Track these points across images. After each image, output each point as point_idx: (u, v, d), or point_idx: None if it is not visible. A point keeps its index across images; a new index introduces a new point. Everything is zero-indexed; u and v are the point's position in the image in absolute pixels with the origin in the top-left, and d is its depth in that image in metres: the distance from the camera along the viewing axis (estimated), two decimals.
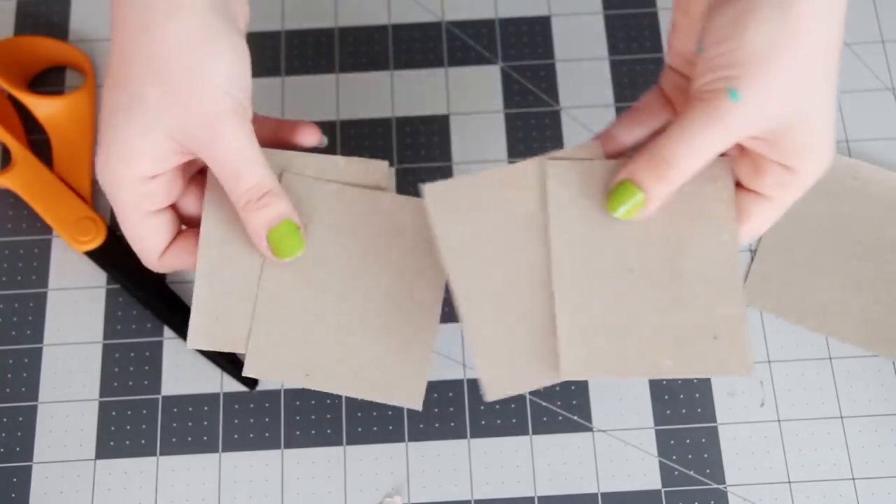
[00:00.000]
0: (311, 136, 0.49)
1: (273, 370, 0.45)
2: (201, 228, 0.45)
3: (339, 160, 0.47)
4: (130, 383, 0.56)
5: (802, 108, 0.40)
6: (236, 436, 0.55)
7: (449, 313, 0.54)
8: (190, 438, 0.54)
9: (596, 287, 0.47)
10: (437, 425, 0.55)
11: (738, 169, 0.44)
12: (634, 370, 0.46)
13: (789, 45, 0.40)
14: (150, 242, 0.45)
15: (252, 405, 0.55)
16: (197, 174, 0.47)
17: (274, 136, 0.49)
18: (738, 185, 0.44)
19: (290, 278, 0.45)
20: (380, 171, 0.47)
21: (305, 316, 0.45)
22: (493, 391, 0.43)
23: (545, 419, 0.55)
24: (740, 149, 0.43)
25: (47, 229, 0.59)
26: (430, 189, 0.43)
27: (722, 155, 0.44)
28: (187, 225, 0.47)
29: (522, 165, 0.45)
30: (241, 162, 0.42)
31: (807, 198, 0.46)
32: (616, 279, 0.47)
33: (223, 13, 0.42)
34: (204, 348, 0.44)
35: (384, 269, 0.46)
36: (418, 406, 0.44)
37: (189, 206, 0.46)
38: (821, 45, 0.40)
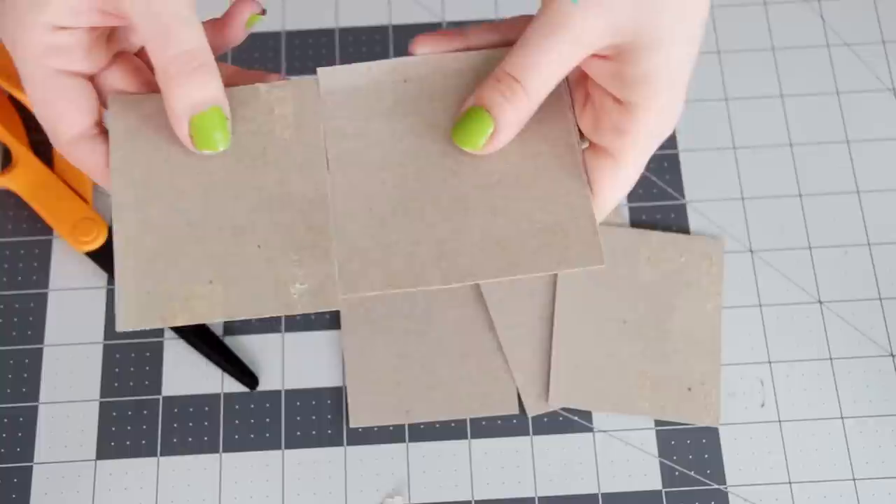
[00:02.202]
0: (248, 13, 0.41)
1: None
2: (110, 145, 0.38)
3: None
4: (131, 383, 0.56)
5: (656, 26, 0.35)
6: (236, 436, 0.55)
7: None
8: (190, 438, 0.54)
9: (590, 331, 0.54)
10: (437, 426, 0.55)
11: (582, 119, 0.39)
12: (614, 408, 0.54)
13: None
14: (61, 111, 0.37)
15: (252, 405, 0.55)
16: (121, 54, 0.40)
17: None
18: (588, 144, 0.39)
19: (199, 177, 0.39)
20: (309, 89, 0.40)
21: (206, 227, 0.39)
22: (532, 411, 0.54)
23: (545, 419, 0.55)
24: (585, 93, 0.39)
25: (48, 229, 0.59)
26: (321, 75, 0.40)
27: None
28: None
29: None
30: (172, 18, 0.35)
31: None
32: (610, 326, 0.55)
33: None
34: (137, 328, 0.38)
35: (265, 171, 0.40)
36: (336, 306, 0.38)
37: (114, 82, 0.39)
38: None
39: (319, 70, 0.40)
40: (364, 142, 0.40)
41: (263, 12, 0.40)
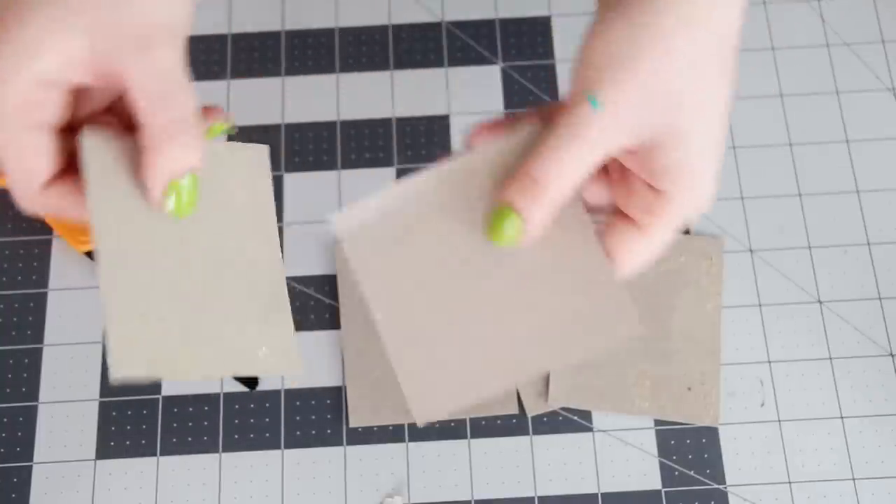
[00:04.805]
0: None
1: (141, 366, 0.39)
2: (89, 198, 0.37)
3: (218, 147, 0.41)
4: (130, 383, 0.56)
5: (674, 122, 0.36)
6: (236, 436, 0.55)
7: None
8: (190, 438, 0.55)
9: None
10: (437, 425, 0.55)
11: (617, 192, 0.40)
12: (614, 407, 0.54)
13: (655, 46, 0.36)
14: (34, 163, 0.36)
15: (252, 405, 0.55)
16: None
17: None
18: (616, 210, 0.40)
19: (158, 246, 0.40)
20: (259, 156, 0.42)
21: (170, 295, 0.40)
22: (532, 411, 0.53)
23: (545, 419, 0.55)
24: (621, 169, 0.39)
25: (48, 229, 0.59)
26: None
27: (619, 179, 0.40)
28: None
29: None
30: (172, 81, 0.36)
31: None
32: None
33: None
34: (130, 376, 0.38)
35: (219, 235, 0.41)
36: (299, 369, 0.41)
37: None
38: (701, 53, 0.36)
39: (337, 217, 0.41)
40: (409, 258, 0.41)
41: (233, 128, 0.41)
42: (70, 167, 0.38)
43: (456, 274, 0.41)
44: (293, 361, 0.41)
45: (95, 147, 0.37)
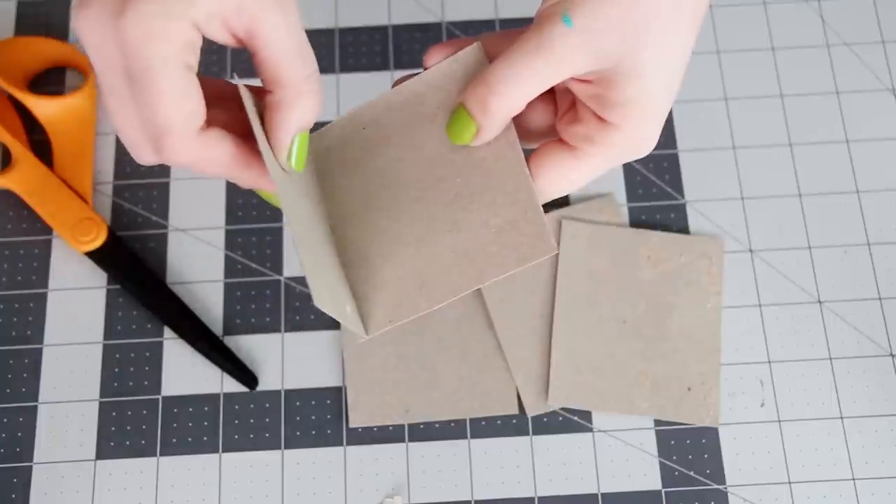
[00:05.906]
0: None
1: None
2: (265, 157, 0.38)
3: None
4: (130, 383, 0.56)
5: (640, 56, 0.36)
6: (236, 436, 0.55)
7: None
8: (190, 438, 0.55)
9: (590, 331, 0.55)
10: (437, 425, 0.55)
11: (561, 120, 0.40)
12: (614, 407, 0.54)
13: None
14: (195, 104, 0.36)
15: (252, 405, 0.55)
16: None
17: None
18: (551, 133, 0.41)
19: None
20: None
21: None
22: (532, 411, 0.54)
23: (545, 419, 0.55)
24: (572, 99, 0.40)
25: (47, 229, 0.59)
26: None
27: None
28: None
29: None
30: (305, 40, 0.37)
31: None
32: (609, 326, 0.55)
33: None
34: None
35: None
36: (365, 335, 0.42)
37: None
38: None
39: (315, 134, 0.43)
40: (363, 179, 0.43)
41: None
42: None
43: (398, 197, 0.42)
44: (360, 325, 0.41)
45: (248, 98, 0.38)
